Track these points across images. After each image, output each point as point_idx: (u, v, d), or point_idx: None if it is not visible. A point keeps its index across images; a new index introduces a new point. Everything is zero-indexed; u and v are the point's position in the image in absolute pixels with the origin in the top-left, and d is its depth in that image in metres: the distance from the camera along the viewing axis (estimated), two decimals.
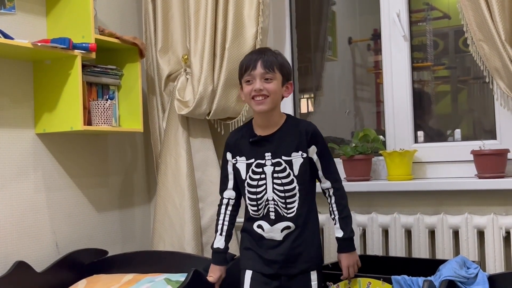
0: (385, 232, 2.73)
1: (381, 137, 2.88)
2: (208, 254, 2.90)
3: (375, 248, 2.72)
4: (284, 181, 2.15)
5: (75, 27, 2.63)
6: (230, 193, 2.30)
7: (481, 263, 2.45)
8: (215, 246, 2.31)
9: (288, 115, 2.25)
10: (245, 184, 2.20)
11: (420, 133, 2.92)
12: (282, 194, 2.15)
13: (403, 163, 2.73)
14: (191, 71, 2.90)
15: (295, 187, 2.14)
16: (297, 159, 2.15)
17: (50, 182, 2.73)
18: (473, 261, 2.30)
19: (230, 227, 2.32)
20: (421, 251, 2.62)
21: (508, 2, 2.39)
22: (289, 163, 2.15)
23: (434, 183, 2.66)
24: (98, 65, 2.76)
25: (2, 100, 2.55)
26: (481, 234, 2.53)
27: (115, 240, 3.05)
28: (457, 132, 2.96)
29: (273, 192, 2.16)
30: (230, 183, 2.29)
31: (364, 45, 3.68)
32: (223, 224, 2.30)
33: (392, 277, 2.20)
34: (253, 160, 2.19)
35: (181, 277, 2.41)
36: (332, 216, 2.23)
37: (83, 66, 2.62)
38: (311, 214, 2.22)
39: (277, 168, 2.15)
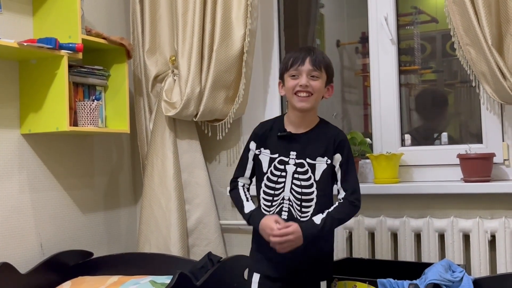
0: (371, 235, 2.73)
1: (368, 140, 2.89)
2: (194, 256, 2.89)
3: (361, 251, 2.73)
4: (303, 183, 2.11)
5: (62, 27, 2.62)
6: (245, 181, 2.26)
7: (466, 266, 2.46)
8: (248, 210, 2.15)
9: (322, 119, 2.23)
10: (265, 178, 2.16)
11: (407, 136, 2.93)
12: (299, 196, 2.12)
13: (389, 166, 2.74)
14: (179, 73, 2.89)
15: (313, 191, 2.11)
16: (321, 164, 2.12)
17: (35, 183, 2.70)
18: (459, 265, 2.31)
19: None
20: (407, 254, 2.63)
21: (494, 7, 2.41)
22: (312, 167, 2.12)
23: (421, 187, 2.67)
24: (84, 66, 2.74)
25: None
26: (466, 238, 2.54)
27: (100, 242, 3.03)
28: (444, 136, 2.97)
29: (291, 192, 2.12)
30: (248, 172, 2.24)
31: (352, 48, 3.69)
32: (245, 194, 2.22)
33: (378, 280, 2.20)
34: (277, 155, 2.16)
35: (166, 279, 2.40)
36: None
37: (70, 66, 2.60)
38: None
39: (299, 169, 2.12)
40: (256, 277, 2.18)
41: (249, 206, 2.18)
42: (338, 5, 3.85)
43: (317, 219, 2.07)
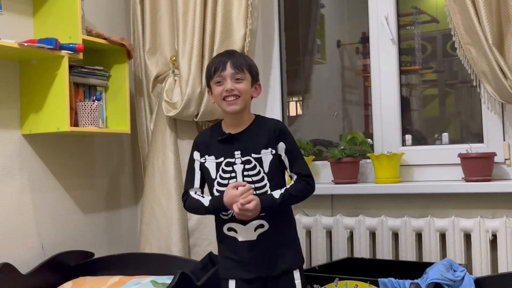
0: (373, 235, 2.73)
1: (369, 140, 2.89)
2: (195, 256, 2.89)
3: (362, 251, 2.72)
4: (254, 178, 2.12)
5: (62, 28, 2.62)
6: (196, 190, 2.23)
7: (468, 266, 2.46)
8: (208, 202, 2.14)
9: (257, 115, 2.25)
10: (215, 183, 2.16)
11: (408, 136, 2.93)
12: (253, 192, 2.10)
13: (390, 166, 2.74)
14: (179, 73, 2.89)
15: (265, 184, 2.12)
16: (266, 156, 2.13)
17: (36, 183, 2.70)
18: (460, 264, 2.31)
19: None
20: (408, 253, 2.63)
21: (495, 6, 2.41)
22: (259, 161, 2.13)
23: (421, 186, 2.67)
24: (85, 66, 2.74)
25: None
26: (467, 237, 2.54)
27: (101, 242, 3.03)
28: (445, 136, 2.97)
29: None
30: (197, 183, 2.23)
31: (352, 48, 3.69)
32: (199, 195, 2.19)
33: (379, 279, 2.20)
34: (222, 159, 2.16)
35: (167, 279, 2.40)
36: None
37: (70, 66, 2.60)
38: (286, 213, 2.19)
39: (247, 166, 2.13)
40: (232, 284, 2.16)
41: (207, 199, 2.17)
42: (339, 6, 3.85)
43: (276, 193, 2.10)
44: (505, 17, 2.42)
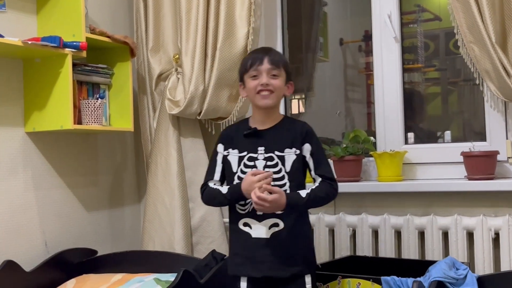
0: (375, 233, 2.73)
1: (371, 138, 2.89)
2: (198, 254, 2.90)
3: (365, 249, 2.73)
4: (275, 176, 2.11)
5: (66, 26, 2.62)
6: (215, 183, 2.24)
7: (470, 264, 2.46)
8: (226, 190, 2.15)
9: (285, 116, 2.26)
10: (235, 177, 2.16)
11: (411, 135, 2.93)
12: (271, 180, 2.09)
13: (393, 164, 2.74)
14: (182, 71, 2.89)
15: (285, 183, 2.12)
16: (290, 155, 2.13)
17: (40, 181, 2.71)
18: (462, 262, 2.31)
19: None
20: (410, 252, 2.63)
21: (498, 5, 2.41)
22: (282, 159, 2.13)
23: (424, 184, 2.67)
24: (88, 64, 2.74)
25: None
26: (470, 236, 2.54)
27: (104, 240, 3.03)
28: (447, 134, 2.97)
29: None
30: (217, 175, 2.24)
31: (355, 46, 3.69)
32: (218, 186, 2.20)
33: (382, 278, 2.20)
34: (245, 153, 2.16)
35: (170, 277, 2.40)
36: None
37: (74, 64, 2.60)
38: (302, 216, 2.18)
39: (269, 163, 2.13)
40: (243, 283, 2.16)
41: (225, 187, 2.17)
42: (342, 3, 3.86)
43: (303, 192, 2.10)
44: (508, 16, 2.41)
